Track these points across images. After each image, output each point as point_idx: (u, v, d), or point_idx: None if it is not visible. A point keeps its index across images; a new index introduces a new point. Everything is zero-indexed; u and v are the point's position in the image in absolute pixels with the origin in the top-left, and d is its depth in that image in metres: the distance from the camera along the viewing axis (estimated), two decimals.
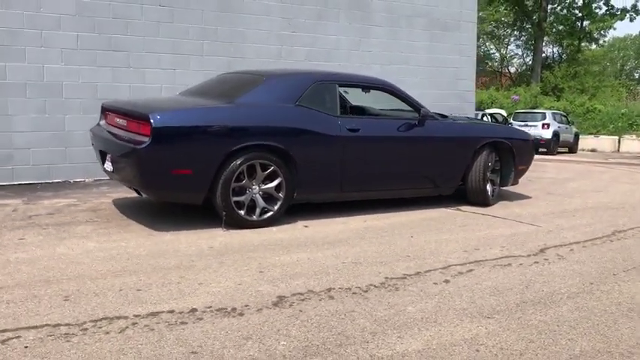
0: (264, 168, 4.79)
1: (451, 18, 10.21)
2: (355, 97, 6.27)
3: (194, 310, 2.98)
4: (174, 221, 4.92)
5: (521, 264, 4.01)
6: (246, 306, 3.06)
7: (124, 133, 4.73)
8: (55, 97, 7.05)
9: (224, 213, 4.68)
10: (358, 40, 9.28)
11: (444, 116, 6.23)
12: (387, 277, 3.62)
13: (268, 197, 4.90)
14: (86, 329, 2.70)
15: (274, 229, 4.84)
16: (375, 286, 3.45)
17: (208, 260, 3.88)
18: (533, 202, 6.61)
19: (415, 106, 5.69)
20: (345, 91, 6.47)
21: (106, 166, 5.02)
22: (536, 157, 14.61)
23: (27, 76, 6.88)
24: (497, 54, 43.71)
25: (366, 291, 3.36)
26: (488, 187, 6.20)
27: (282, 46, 8.58)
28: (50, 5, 6.94)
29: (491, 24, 38.35)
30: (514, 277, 3.71)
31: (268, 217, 4.86)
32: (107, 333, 2.66)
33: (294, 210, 5.30)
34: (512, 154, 6.28)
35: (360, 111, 6.28)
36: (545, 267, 3.95)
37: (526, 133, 6.76)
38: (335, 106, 5.21)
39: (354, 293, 3.31)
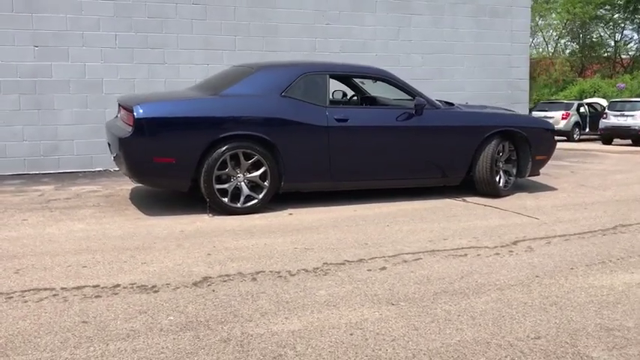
0: (247, 157, 4.95)
1: (500, 3, 9.80)
2: (373, 87, 6.29)
3: (117, 285, 3.21)
4: (171, 208, 5.22)
5: (478, 255, 3.88)
6: (167, 284, 3.24)
7: (122, 125, 5.09)
8: (96, 92, 7.64)
9: (208, 200, 4.90)
10: (397, 30, 9.18)
11: (449, 104, 6.07)
12: (325, 263, 3.66)
13: (255, 186, 5.07)
14: (11, 297, 3.01)
15: (257, 216, 5.00)
16: (306, 270, 3.51)
17: (169, 242, 4.11)
18: (553, 193, 6.26)
19: (414, 95, 5.59)
20: (362, 82, 6.51)
21: (112, 157, 5.42)
22: (608, 147, 13.74)
23: (70, 74, 7.52)
24: (610, 40, 40.50)
25: (293, 275, 3.43)
26: (502, 178, 5.97)
27: (315, 39, 8.69)
28: (90, 8, 7.53)
29: (601, 6, 35.58)
30: (458, 267, 3.60)
31: (252, 205, 5.02)
32: (25, 302, 2.95)
33: (289, 198, 5.43)
34: (528, 144, 5.99)
35: (372, 101, 6.28)
36: (502, 259, 3.80)
37: (546, 121, 6.41)
38: (324, 96, 5.26)
39: (279, 277, 3.39)
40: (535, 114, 20.46)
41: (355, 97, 6.60)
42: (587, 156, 10.70)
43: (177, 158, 4.77)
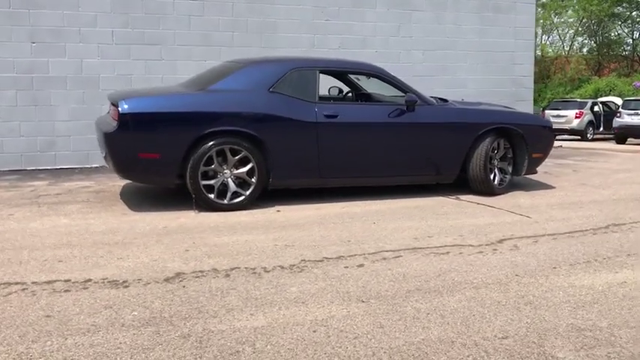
0: (234, 153, 4.92)
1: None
2: (370, 84, 6.22)
3: (88, 280, 3.18)
4: (159, 204, 5.19)
5: (461, 253, 3.81)
6: (139, 280, 3.21)
7: (109, 120, 5.07)
8: (93, 88, 7.64)
9: (194, 196, 4.87)
10: (397, 26, 9.09)
11: (443, 101, 5.98)
12: (303, 260, 3.61)
13: (242, 182, 5.03)
14: None
15: (244, 212, 4.95)
16: (282, 267, 3.46)
17: (150, 238, 4.08)
18: (550, 192, 6.15)
19: (405, 92, 5.51)
20: (357, 78, 6.44)
21: (102, 155, 5.40)
22: (620, 147, 13.53)
23: (67, 70, 7.54)
24: (628, 38, 39.84)
25: (268, 272, 3.38)
26: (497, 176, 5.88)
27: (314, 35, 8.63)
28: (87, 4, 7.53)
29: (619, 4, 35.01)
30: (438, 265, 3.53)
31: (239, 201, 4.98)
32: None
33: (278, 195, 5.39)
34: (524, 142, 5.89)
35: (366, 98, 6.22)
36: (484, 257, 3.72)
37: (543, 119, 6.29)
38: (313, 92, 5.20)
39: (253, 273, 3.35)
40: (548, 113, 20.25)
41: (350, 94, 6.53)
42: (594, 155, 10.53)
43: (162, 154, 4.74)
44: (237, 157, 4.92)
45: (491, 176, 5.80)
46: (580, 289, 3.13)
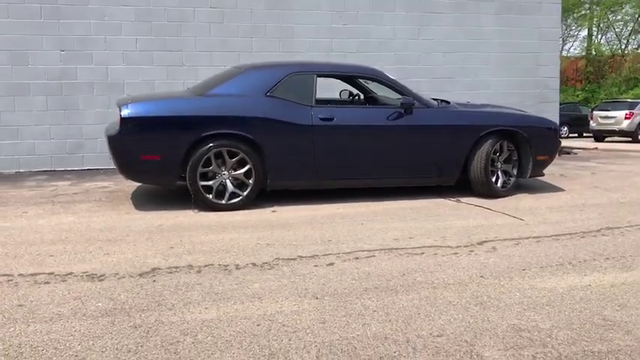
0: (232, 155, 5.10)
1: (528, 0, 9.52)
2: (380, 87, 6.28)
3: (69, 274, 3.42)
4: (164, 204, 5.43)
5: (435, 254, 3.85)
6: (116, 274, 3.42)
7: (115, 125, 5.35)
8: (118, 93, 8.01)
9: (193, 196, 5.09)
10: (417, 29, 9.11)
11: (446, 103, 6.00)
12: (277, 258, 3.74)
13: (240, 183, 5.21)
14: None
15: (241, 212, 5.13)
16: (254, 264, 3.61)
17: (141, 235, 4.31)
18: (557, 195, 6.06)
19: (404, 94, 5.57)
20: (367, 82, 6.53)
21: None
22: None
23: (94, 76, 7.94)
24: None
25: (239, 269, 3.53)
26: (500, 178, 5.85)
27: (332, 39, 8.76)
28: (113, 14, 7.91)
29: None
30: (407, 265, 3.59)
31: (237, 202, 5.16)
32: None
33: (279, 196, 5.55)
34: (528, 144, 5.84)
35: (373, 101, 6.30)
36: (457, 258, 3.76)
37: (549, 121, 6.19)
38: (310, 96, 5.33)
39: (224, 270, 3.50)
40: (596, 114, 19.65)
41: (357, 97, 6.62)
42: (623, 157, 10.23)
43: (162, 156, 4.97)
44: (234, 159, 5.11)
45: (494, 178, 5.78)
46: (539, 292, 3.14)
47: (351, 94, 6.75)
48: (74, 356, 2.37)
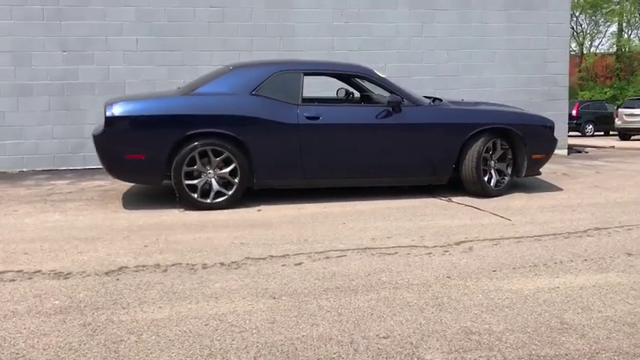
0: (216, 154, 5.10)
1: None
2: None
3: (37, 272, 3.45)
4: (154, 203, 5.45)
5: (408, 254, 3.79)
6: (82, 272, 3.44)
7: (101, 125, 5.39)
8: (119, 93, 8.07)
9: (177, 195, 5.10)
10: (420, 26, 9.00)
11: (438, 100, 5.91)
12: (247, 257, 3.72)
13: (227, 182, 5.21)
14: None
15: (226, 211, 5.13)
16: (222, 264, 3.59)
17: (120, 234, 4.33)
18: (554, 194, 5.92)
19: (393, 92, 5.50)
20: (362, 81, 6.48)
21: None
22: None
23: (95, 77, 8.03)
24: None
25: (205, 268, 3.52)
26: (493, 178, 5.75)
27: (333, 38, 8.71)
28: (114, 14, 7.99)
29: None
30: (375, 265, 3.54)
31: (222, 201, 5.16)
32: None
33: (268, 195, 5.53)
34: (523, 142, 5.72)
35: (368, 100, 6.25)
36: (429, 258, 3.69)
37: (545, 119, 6.05)
38: (297, 94, 5.29)
39: (190, 269, 3.50)
40: (621, 111, 19.21)
41: (351, 96, 6.58)
42: (635, 156, 9.97)
43: (147, 155, 4.99)
44: (219, 158, 5.11)
45: (487, 177, 5.68)
46: (503, 293, 3.06)
47: (347, 92, 6.70)
48: (16, 354, 2.39)
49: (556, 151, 9.53)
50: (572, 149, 10.27)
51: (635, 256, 3.73)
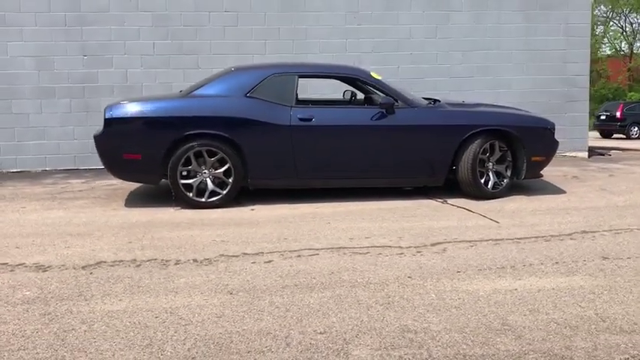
0: (211, 154, 5.25)
1: None
2: None
3: (20, 264, 3.64)
4: (154, 202, 5.63)
5: (379, 254, 3.83)
6: (62, 266, 3.62)
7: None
8: (137, 95, 8.36)
9: (173, 194, 5.28)
10: (434, 28, 8.97)
11: (436, 102, 5.91)
12: (221, 255, 3.84)
13: (222, 182, 5.35)
14: None
15: (220, 210, 5.27)
16: (195, 260, 3.71)
17: (110, 231, 4.51)
18: (554, 197, 5.81)
19: (387, 94, 5.53)
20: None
21: None
22: None
23: (114, 80, 8.33)
24: None
25: (177, 264, 3.65)
26: (491, 179, 5.70)
27: (346, 40, 8.77)
28: (131, 20, 8.28)
29: None
30: (342, 264, 3.59)
31: (216, 200, 5.30)
32: None
33: (264, 195, 5.65)
34: (521, 144, 5.66)
35: (369, 102, 6.29)
36: (398, 258, 3.72)
37: (546, 120, 5.95)
38: (291, 96, 5.39)
39: (163, 265, 3.63)
40: None
41: (355, 97, 6.63)
42: None
43: (143, 155, 5.18)
44: (214, 159, 5.25)
45: (484, 179, 5.64)
46: (457, 294, 3.08)
47: (352, 94, 6.76)
48: None
49: (576, 154, 9.37)
50: (594, 152, 10.01)
51: (610, 260, 3.67)
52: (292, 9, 8.61)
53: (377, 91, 5.63)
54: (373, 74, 5.74)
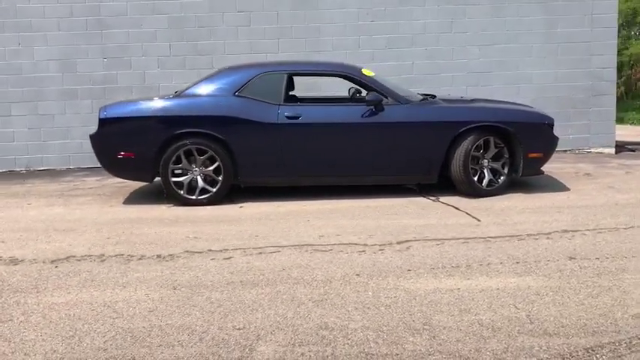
0: (201, 153, 5.37)
1: None
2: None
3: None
4: (152, 200, 5.76)
5: (341, 251, 3.83)
6: (33, 260, 3.80)
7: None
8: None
9: (165, 191, 5.42)
10: (449, 22, 8.79)
11: (432, 97, 5.82)
12: (186, 251, 3.93)
13: (212, 180, 5.46)
14: None
15: (209, 207, 5.37)
16: (159, 256, 3.82)
17: (94, 227, 4.69)
18: (552, 195, 5.59)
19: (377, 91, 5.48)
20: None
21: None
22: None
23: (132, 81, 8.60)
24: None
25: (140, 259, 3.76)
26: (485, 177, 5.57)
27: (359, 37, 8.72)
28: (148, 22, 8.52)
29: None
30: (297, 261, 3.62)
31: (206, 197, 5.41)
32: None
33: (258, 192, 5.73)
34: (517, 140, 5.50)
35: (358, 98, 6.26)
36: (358, 256, 3.70)
37: (544, 115, 5.74)
38: (279, 95, 5.43)
39: (126, 260, 3.76)
40: None
41: (356, 95, 6.59)
42: None
43: (137, 153, 5.35)
44: (204, 157, 5.36)
45: (477, 177, 5.52)
46: (395, 292, 3.05)
47: (356, 91, 6.72)
48: None
49: (602, 150, 8.99)
50: (624, 147, 9.56)
51: (576, 260, 3.54)
52: (304, 7, 8.64)
53: (367, 88, 5.58)
54: (364, 71, 5.71)
